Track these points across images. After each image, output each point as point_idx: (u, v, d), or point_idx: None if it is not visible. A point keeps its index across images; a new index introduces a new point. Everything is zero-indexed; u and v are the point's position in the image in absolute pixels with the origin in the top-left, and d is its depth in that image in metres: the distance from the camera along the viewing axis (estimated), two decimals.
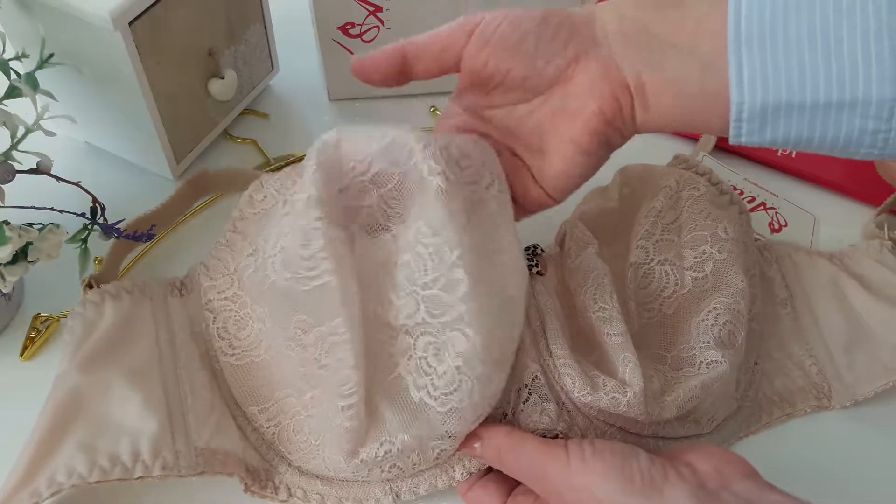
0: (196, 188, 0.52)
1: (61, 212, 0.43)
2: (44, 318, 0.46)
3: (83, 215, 0.44)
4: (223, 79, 0.53)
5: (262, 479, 0.39)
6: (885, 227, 0.50)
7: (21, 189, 0.42)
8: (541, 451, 0.35)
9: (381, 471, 0.38)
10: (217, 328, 0.41)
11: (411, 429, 0.36)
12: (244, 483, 0.38)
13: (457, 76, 0.37)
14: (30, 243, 0.42)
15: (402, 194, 0.36)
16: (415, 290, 0.35)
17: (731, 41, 0.30)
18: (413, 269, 0.35)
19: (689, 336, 0.41)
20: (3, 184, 0.41)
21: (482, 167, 0.37)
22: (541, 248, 0.44)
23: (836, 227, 0.53)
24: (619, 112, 0.34)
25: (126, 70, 0.45)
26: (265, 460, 0.40)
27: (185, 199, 0.51)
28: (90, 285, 0.42)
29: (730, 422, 0.43)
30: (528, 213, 0.39)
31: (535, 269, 0.43)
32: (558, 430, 0.39)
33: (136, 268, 0.49)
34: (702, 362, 0.40)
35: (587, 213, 0.46)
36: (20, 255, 0.42)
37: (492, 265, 0.36)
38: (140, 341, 0.41)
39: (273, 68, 0.60)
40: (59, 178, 0.43)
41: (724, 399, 0.42)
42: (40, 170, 0.42)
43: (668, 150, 0.50)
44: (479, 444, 0.37)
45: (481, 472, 0.39)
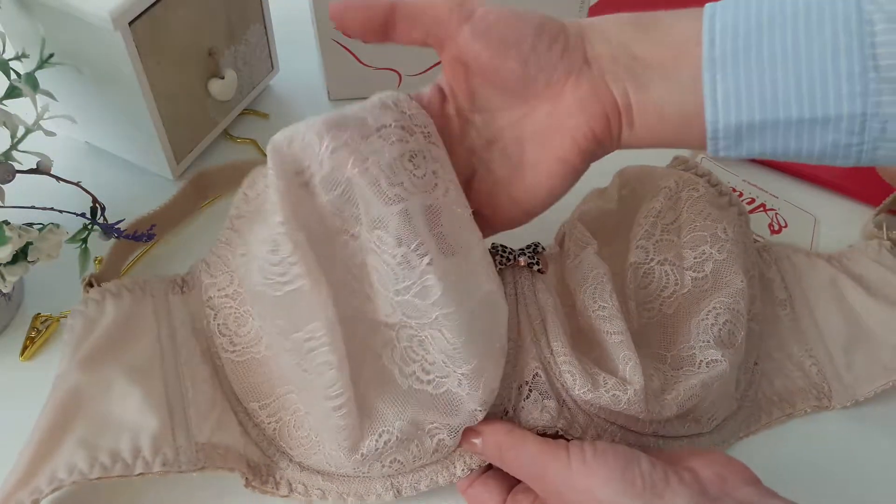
0: (198, 188, 0.52)
1: (61, 212, 0.43)
2: (44, 318, 0.46)
3: (83, 215, 0.44)
4: (223, 79, 0.53)
5: (263, 474, 0.39)
6: (883, 227, 0.50)
7: (21, 189, 0.42)
8: (542, 451, 0.35)
9: (382, 465, 0.38)
10: (218, 325, 0.41)
11: (405, 414, 0.36)
12: (245, 478, 0.38)
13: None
14: (30, 243, 0.42)
15: (353, 200, 0.34)
16: (389, 296, 0.35)
17: (705, 61, 0.30)
18: (384, 275, 0.35)
19: (689, 335, 0.41)
20: (3, 184, 0.41)
21: (434, 175, 0.35)
22: (542, 247, 0.44)
23: (836, 227, 0.53)
24: (608, 130, 0.34)
25: (126, 70, 0.45)
26: (266, 456, 0.40)
27: (187, 200, 0.51)
28: (91, 284, 0.42)
29: (730, 422, 0.43)
30: (494, 230, 0.39)
31: (536, 267, 0.43)
32: (559, 427, 0.39)
33: (136, 268, 0.49)
34: (702, 361, 0.40)
35: (586, 214, 0.46)
36: (20, 255, 0.42)
37: (464, 264, 0.36)
38: (141, 338, 0.41)
39: (273, 68, 0.60)
40: (59, 178, 0.43)
41: (724, 398, 0.42)
42: (40, 170, 0.42)
43: (667, 152, 0.49)
44: (479, 440, 0.38)
45: (482, 469, 0.39)
